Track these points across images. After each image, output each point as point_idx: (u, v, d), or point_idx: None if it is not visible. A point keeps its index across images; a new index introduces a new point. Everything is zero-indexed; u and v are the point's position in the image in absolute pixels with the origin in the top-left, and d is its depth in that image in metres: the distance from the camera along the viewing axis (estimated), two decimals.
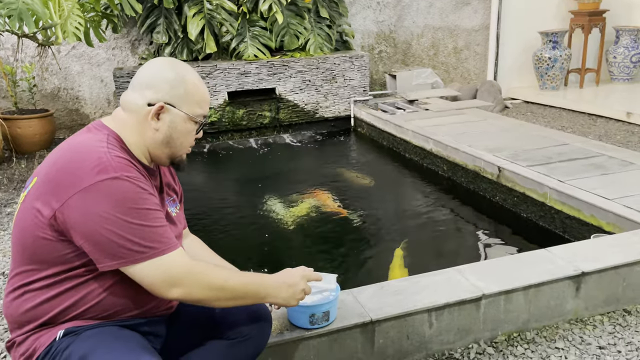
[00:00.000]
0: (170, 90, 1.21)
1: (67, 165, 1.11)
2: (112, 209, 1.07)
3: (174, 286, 1.13)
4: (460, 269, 1.91)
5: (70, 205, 1.08)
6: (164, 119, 1.22)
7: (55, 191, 1.10)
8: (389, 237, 2.89)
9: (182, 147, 1.28)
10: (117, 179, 1.09)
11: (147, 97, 1.21)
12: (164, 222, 1.16)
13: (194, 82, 1.24)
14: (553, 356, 1.74)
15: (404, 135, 4.22)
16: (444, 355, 1.75)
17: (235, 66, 4.75)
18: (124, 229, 1.08)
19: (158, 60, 1.26)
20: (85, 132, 1.21)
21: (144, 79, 1.23)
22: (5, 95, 4.94)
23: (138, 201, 1.11)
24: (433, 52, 6.19)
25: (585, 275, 1.89)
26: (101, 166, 1.09)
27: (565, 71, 6.07)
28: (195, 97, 1.24)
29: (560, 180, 2.81)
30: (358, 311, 1.66)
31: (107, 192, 1.08)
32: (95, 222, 1.07)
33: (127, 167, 1.13)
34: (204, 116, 1.28)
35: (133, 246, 1.09)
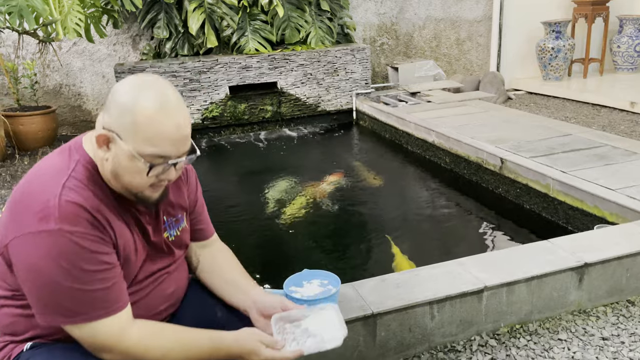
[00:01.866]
0: (118, 117, 1.03)
1: (19, 202, 1.05)
2: (45, 267, 0.99)
3: (103, 351, 1.06)
4: (461, 261, 1.90)
5: (12, 247, 1.03)
6: (112, 149, 1.05)
7: (7, 225, 1.05)
8: (390, 230, 2.88)
9: (133, 186, 1.08)
10: (53, 233, 0.99)
11: (104, 120, 1.06)
12: (107, 282, 1.04)
13: (147, 112, 1.01)
14: (556, 347, 1.73)
15: (406, 128, 4.20)
16: (446, 347, 1.75)
17: (237, 60, 4.74)
18: (53, 289, 1.00)
19: (129, 79, 1.08)
20: (57, 155, 1.12)
21: (108, 97, 1.08)
22: (7, 93, 4.94)
23: (74, 262, 1.00)
24: (435, 44, 6.16)
25: (588, 266, 1.87)
26: (44, 212, 1.00)
27: (569, 61, 6.03)
28: (145, 132, 1.02)
29: (563, 171, 2.79)
30: (359, 304, 1.66)
31: (41, 246, 0.99)
32: (28, 273, 1.01)
33: (73, 216, 1.01)
34: (163, 157, 1.05)
35: (60, 309, 1.02)
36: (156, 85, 1.07)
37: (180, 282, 1.33)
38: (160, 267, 1.25)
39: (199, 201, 1.38)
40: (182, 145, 1.08)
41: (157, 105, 1.03)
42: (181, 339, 1.13)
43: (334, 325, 1.23)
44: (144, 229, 1.19)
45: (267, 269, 2.52)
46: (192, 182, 1.36)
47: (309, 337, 1.21)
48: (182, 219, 1.31)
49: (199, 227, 1.39)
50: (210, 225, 1.43)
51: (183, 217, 1.31)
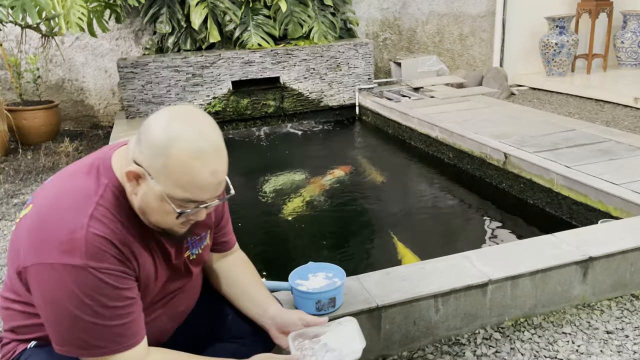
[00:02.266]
0: (150, 157, 0.98)
1: (43, 222, 1.00)
2: (67, 300, 0.96)
3: None
4: (466, 255, 1.90)
5: (30, 273, 0.99)
6: (141, 185, 1.01)
7: (27, 245, 1.00)
8: (394, 224, 2.88)
9: (161, 224, 1.05)
10: (80, 268, 0.95)
11: (135, 153, 1.01)
12: (128, 317, 1.03)
13: (182, 158, 0.95)
14: (560, 341, 1.74)
15: (409, 123, 4.20)
16: (451, 340, 1.75)
17: (239, 55, 4.73)
18: (73, 322, 0.98)
19: (169, 110, 1.01)
20: (84, 175, 1.05)
21: (142, 127, 1.01)
22: (10, 87, 4.94)
23: (98, 297, 0.98)
24: (438, 39, 6.14)
25: (593, 260, 1.87)
26: (69, 245, 0.96)
27: (572, 57, 6.01)
28: (177, 178, 0.97)
29: (567, 166, 2.79)
30: (364, 297, 1.66)
31: (65, 279, 0.96)
32: (49, 304, 0.99)
33: (101, 252, 0.97)
34: (194, 201, 1.01)
35: (79, 342, 1.00)
36: (195, 124, 0.99)
37: (192, 299, 1.31)
38: (177, 287, 1.23)
39: (225, 215, 1.35)
40: (216, 191, 1.03)
41: (193, 150, 0.96)
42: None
43: (352, 338, 1.23)
44: (166, 252, 1.16)
45: (272, 262, 2.52)
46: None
47: (327, 352, 1.21)
48: (205, 237, 1.28)
49: (222, 240, 1.37)
50: (233, 236, 1.41)
51: (207, 235, 1.28)
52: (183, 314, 1.28)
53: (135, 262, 1.06)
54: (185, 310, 1.28)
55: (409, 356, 1.69)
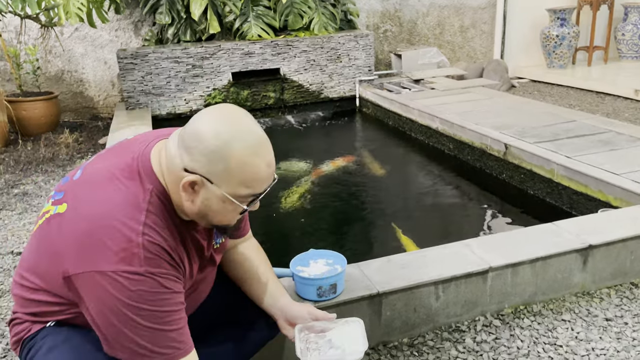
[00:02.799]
0: (207, 164, 0.99)
1: (94, 232, 0.99)
2: (125, 307, 0.97)
3: None
4: (467, 243, 1.91)
5: (83, 280, 0.99)
6: (199, 192, 1.02)
7: (75, 252, 0.99)
8: (395, 214, 2.89)
9: (222, 222, 1.09)
10: (139, 274, 0.97)
11: (184, 161, 1.00)
12: (182, 322, 1.04)
13: (241, 157, 0.99)
14: (560, 328, 1.74)
15: (410, 115, 4.19)
16: (451, 327, 1.76)
17: (239, 46, 4.72)
18: (132, 329, 0.98)
19: (211, 114, 1.02)
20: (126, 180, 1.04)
21: (186, 136, 1.01)
22: (9, 78, 4.93)
23: (156, 302, 0.99)
24: (439, 31, 6.12)
25: (593, 248, 1.88)
26: (127, 253, 0.97)
27: (573, 49, 6.00)
28: (240, 176, 1.00)
29: (567, 156, 2.79)
30: (365, 284, 1.67)
31: (124, 285, 0.96)
32: (104, 311, 0.98)
33: (157, 259, 0.99)
34: (255, 194, 1.05)
35: (139, 349, 1.00)
36: (241, 123, 1.02)
37: (210, 287, 1.32)
38: (202, 278, 1.24)
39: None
40: (271, 180, 1.07)
41: (249, 148, 1.00)
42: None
43: (356, 339, 1.24)
44: (200, 246, 1.17)
45: (274, 249, 2.52)
46: None
47: (331, 348, 1.22)
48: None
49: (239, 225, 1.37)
50: (248, 223, 1.42)
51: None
52: (201, 303, 1.29)
53: (182, 267, 1.08)
54: (204, 297, 1.30)
55: (409, 342, 1.70)
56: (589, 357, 1.62)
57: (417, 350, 1.66)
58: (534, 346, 1.67)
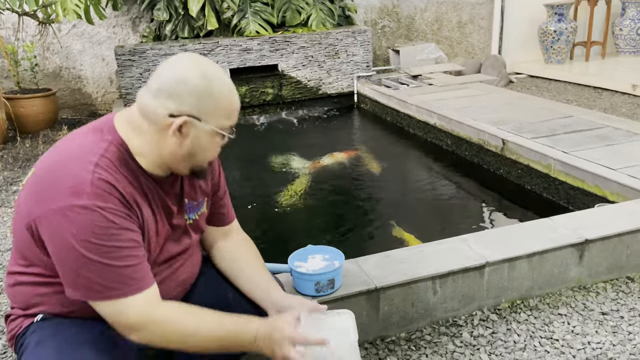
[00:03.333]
0: (197, 103, 1.08)
1: (49, 175, 1.06)
2: (76, 241, 1.01)
3: (132, 330, 1.07)
4: (464, 238, 1.92)
5: (42, 221, 1.04)
6: (188, 133, 1.10)
7: (35, 199, 1.06)
8: (393, 210, 2.90)
9: (206, 159, 1.18)
10: (86, 208, 1.01)
11: (170, 108, 1.08)
12: (135, 260, 1.07)
13: (224, 91, 1.11)
14: (556, 322, 1.76)
15: (408, 110, 4.20)
16: (448, 322, 1.78)
17: (237, 43, 4.72)
18: (83, 264, 1.02)
19: (184, 62, 1.11)
20: (89, 132, 1.13)
21: (166, 85, 1.08)
22: (7, 75, 4.93)
23: (105, 237, 1.02)
24: (437, 27, 6.12)
25: (589, 243, 1.89)
26: (76, 188, 1.02)
27: (571, 44, 6.00)
28: (224, 109, 1.11)
29: (564, 151, 2.80)
30: (363, 279, 1.68)
31: (74, 221, 1.00)
32: (60, 249, 1.03)
33: (106, 194, 1.03)
34: (232, 126, 1.16)
35: (91, 284, 1.03)
36: (213, 65, 1.14)
37: (193, 269, 1.34)
38: (178, 251, 1.26)
39: (221, 187, 1.41)
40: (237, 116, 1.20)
41: (227, 84, 1.13)
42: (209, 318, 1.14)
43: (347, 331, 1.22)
44: (168, 210, 1.21)
45: (272, 244, 2.54)
46: (216, 169, 1.38)
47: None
48: (202, 204, 1.33)
49: (220, 211, 1.41)
50: (231, 211, 1.45)
51: (203, 201, 1.33)
52: (186, 282, 1.31)
53: (137, 211, 1.11)
54: (188, 278, 1.31)
55: (407, 337, 1.72)
56: (584, 350, 1.63)
57: (415, 345, 1.68)
58: (531, 340, 1.68)
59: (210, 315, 1.14)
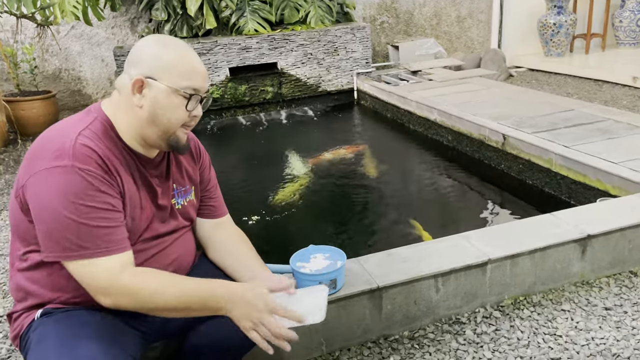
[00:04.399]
0: (150, 61, 1.16)
1: (36, 147, 1.13)
2: (55, 199, 1.06)
3: (100, 294, 1.09)
4: (466, 235, 1.92)
5: (27, 186, 1.09)
6: (146, 94, 1.16)
7: (22, 171, 1.12)
8: (394, 208, 2.90)
9: (171, 124, 1.18)
10: (66, 168, 1.06)
11: (131, 74, 1.17)
12: (110, 222, 1.10)
13: (178, 53, 1.17)
14: (559, 318, 1.76)
15: (408, 107, 4.19)
16: (451, 319, 1.78)
17: (236, 41, 4.71)
18: (60, 221, 1.06)
19: (146, 37, 1.22)
20: (77, 114, 1.21)
21: (130, 57, 1.19)
22: (7, 78, 4.93)
23: (81, 197, 1.06)
24: (436, 22, 6.10)
25: (591, 238, 1.89)
26: (60, 152, 1.08)
27: (571, 37, 5.98)
28: (178, 67, 1.16)
29: (565, 145, 2.80)
30: (365, 278, 1.68)
31: (55, 180, 1.06)
32: (40, 208, 1.08)
33: (85, 157, 1.09)
34: (195, 89, 1.18)
35: (65, 242, 1.07)
36: (172, 37, 1.23)
37: (184, 250, 1.36)
38: (167, 230, 1.30)
39: (212, 181, 1.45)
40: (206, 82, 1.21)
41: (183, 47, 1.19)
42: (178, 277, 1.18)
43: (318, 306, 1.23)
44: (153, 190, 1.25)
45: (273, 245, 2.54)
46: (206, 162, 1.44)
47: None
48: (190, 192, 1.37)
49: (211, 203, 1.45)
50: (223, 205, 1.49)
51: (191, 190, 1.38)
52: (176, 262, 1.32)
53: (118, 178, 1.15)
54: (178, 258, 1.33)
55: (410, 335, 1.72)
56: (588, 346, 1.63)
57: (418, 343, 1.68)
58: (534, 337, 1.68)
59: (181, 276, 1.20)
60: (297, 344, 1.21)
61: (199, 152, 1.43)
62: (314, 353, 1.65)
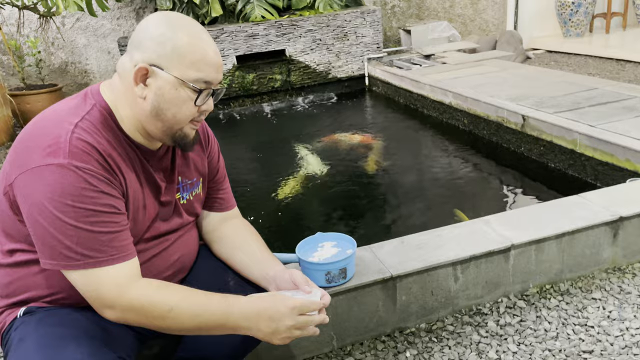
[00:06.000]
0: (156, 47, 0.99)
1: (27, 137, 0.99)
2: (49, 202, 0.93)
3: (105, 308, 0.98)
4: (486, 220, 1.78)
5: (17, 184, 0.96)
6: (151, 84, 1.01)
7: (11, 164, 0.99)
8: (409, 195, 2.77)
9: (177, 120, 1.04)
10: (62, 166, 0.93)
11: (135, 59, 1.01)
12: (113, 227, 0.98)
13: (188, 38, 1.00)
14: (590, 307, 1.62)
15: (421, 91, 4.04)
16: (472, 310, 1.65)
17: (243, 28, 4.58)
18: (58, 227, 0.93)
19: (154, 14, 1.04)
20: (73, 98, 1.07)
21: (134, 37, 1.03)
22: (13, 73, 4.87)
23: (80, 199, 0.94)
24: (449, 4, 5.91)
25: (624, 220, 1.74)
26: (53, 147, 0.94)
27: (590, 16, 5.75)
28: (189, 56, 1.00)
29: (590, 125, 2.63)
30: (377, 267, 1.55)
31: (48, 179, 0.93)
32: (34, 211, 0.94)
33: (84, 154, 0.95)
34: (206, 82, 1.03)
35: (65, 250, 0.94)
36: (184, 17, 1.05)
37: (187, 249, 1.25)
38: (169, 229, 1.18)
39: (220, 171, 1.33)
40: (220, 72, 1.06)
41: (195, 32, 1.02)
42: (190, 295, 1.03)
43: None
44: (156, 186, 1.13)
45: (280, 233, 2.43)
46: (214, 151, 1.30)
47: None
48: (197, 184, 1.25)
49: (219, 196, 1.33)
50: (231, 198, 1.37)
51: (199, 182, 1.26)
52: (179, 262, 1.21)
53: (120, 177, 1.03)
54: (181, 258, 1.22)
55: (427, 328, 1.59)
56: (623, 337, 1.49)
57: (436, 336, 1.55)
58: (563, 328, 1.54)
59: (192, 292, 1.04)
60: (306, 338, 1.11)
61: (207, 138, 1.28)
62: (324, 348, 1.53)
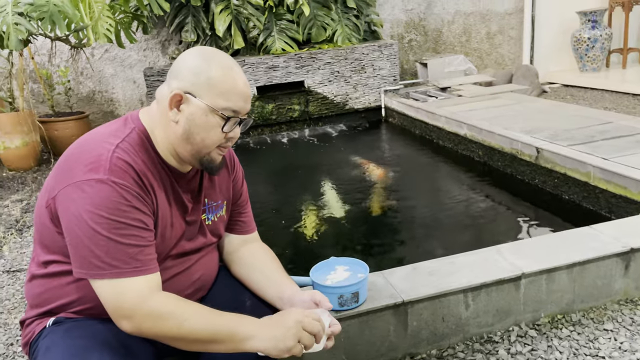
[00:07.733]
0: (192, 77, 1.11)
1: (70, 156, 1.09)
2: (86, 213, 1.01)
3: (123, 317, 1.03)
4: (498, 249, 1.81)
5: (59, 198, 1.06)
6: (183, 110, 1.11)
7: (55, 179, 1.09)
8: (423, 222, 2.80)
9: (205, 145, 1.14)
10: (101, 182, 1.02)
11: (172, 86, 1.13)
12: (140, 241, 1.06)
13: (221, 70, 1.11)
14: (602, 338, 1.62)
15: (437, 122, 4.10)
16: (483, 338, 1.66)
17: (263, 60, 4.74)
18: (90, 237, 1.01)
19: (192, 49, 1.17)
20: (114, 122, 1.17)
21: (173, 68, 1.15)
22: (43, 100, 5.08)
23: (115, 212, 1.02)
24: (465, 39, 6.03)
25: (635, 252, 1.76)
26: (95, 164, 1.04)
27: (607, 51, 5.81)
28: (219, 86, 1.10)
29: (604, 158, 2.66)
30: (389, 292, 1.59)
31: (87, 193, 1.02)
32: (71, 222, 1.03)
33: (122, 171, 1.05)
34: (234, 111, 1.13)
35: (93, 259, 1.02)
36: (219, 52, 1.17)
37: (209, 269, 1.32)
38: (193, 248, 1.25)
39: (243, 195, 1.41)
40: (248, 103, 1.16)
41: (227, 66, 1.13)
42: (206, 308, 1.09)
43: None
44: (184, 206, 1.21)
45: (295, 257, 2.48)
46: (239, 176, 1.39)
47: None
48: (222, 207, 1.33)
49: (241, 219, 1.41)
50: (252, 222, 1.45)
51: (223, 205, 1.33)
52: (199, 280, 1.28)
53: (152, 195, 1.12)
54: (202, 277, 1.28)
55: (438, 354, 1.61)
56: None
57: None
58: (574, 358, 1.55)
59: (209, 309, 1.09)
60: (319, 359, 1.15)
61: (233, 164, 1.38)
62: None
